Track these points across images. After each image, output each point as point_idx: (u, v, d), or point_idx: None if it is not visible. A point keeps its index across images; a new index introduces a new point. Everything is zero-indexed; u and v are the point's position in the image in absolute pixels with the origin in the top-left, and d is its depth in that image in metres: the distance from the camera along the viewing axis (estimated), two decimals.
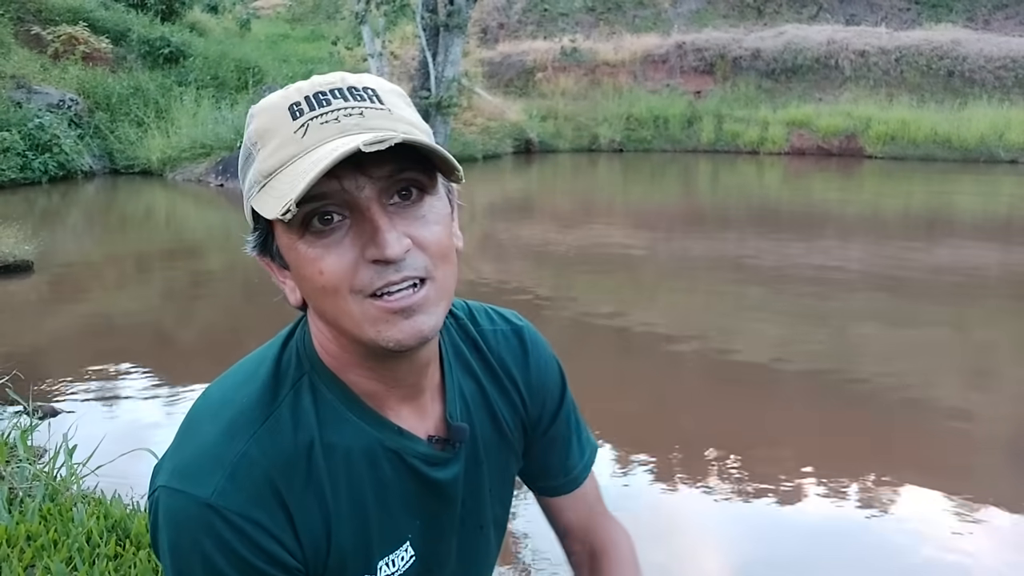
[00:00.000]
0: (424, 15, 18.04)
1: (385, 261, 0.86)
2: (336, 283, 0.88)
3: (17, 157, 13.65)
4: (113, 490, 3.18)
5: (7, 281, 7.55)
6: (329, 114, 0.87)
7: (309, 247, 0.88)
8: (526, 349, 1.17)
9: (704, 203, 14.69)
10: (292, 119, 0.88)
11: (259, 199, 0.88)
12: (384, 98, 0.91)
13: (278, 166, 0.87)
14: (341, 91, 0.90)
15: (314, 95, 0.89)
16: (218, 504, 0.88)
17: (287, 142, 0.87)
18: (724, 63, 23.52)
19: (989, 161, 19.18)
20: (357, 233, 0.87)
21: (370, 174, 0.86)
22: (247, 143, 0.93)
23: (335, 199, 0.86)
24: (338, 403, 0.98)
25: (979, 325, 6.77)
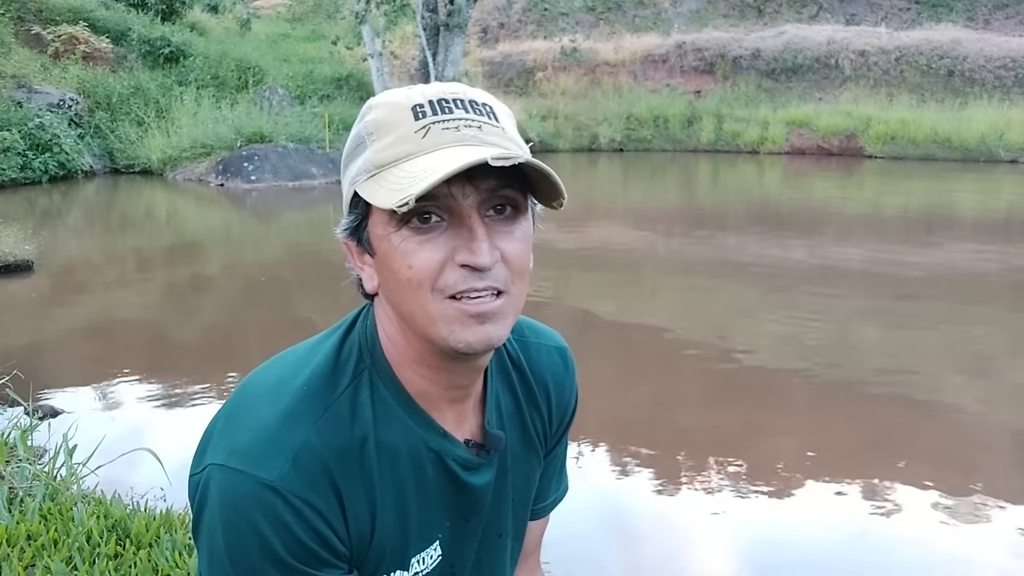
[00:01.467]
0: (424, 15, 18.05)
1: (473, 267, 0.92)
2: (421, 278, 0.93)
3: (17, 157, 13.65)
4: (113, 490, 3.18)
5: (7, 281, 7.55)
6: (450, 122, 0.92)
7: (403, 241, 0.93)
8: (567, 367, 1.22)
9: (704, 203, 14.68)
10: (415, 119, 0.92)
11: (368, 187, 0.93)
12: (500, 117, 0.96)
13: (394, 160, 0.92)
14: (463, 102, 0.94)
15: (438, 101, 0.94)
16: (281, 487, 0.91)
17: (406, 139, 0.92)
18: (724, 63, 23.52)
19: (989, 161, 19.19)
20: (452, 236, 0.92)
21: (477, 185, 0.91)
22: (361, 131, 0.97)
23: (440, 202, 0.91)
24: (392, 401, 1.02)
25: (979, 324, 6.77)
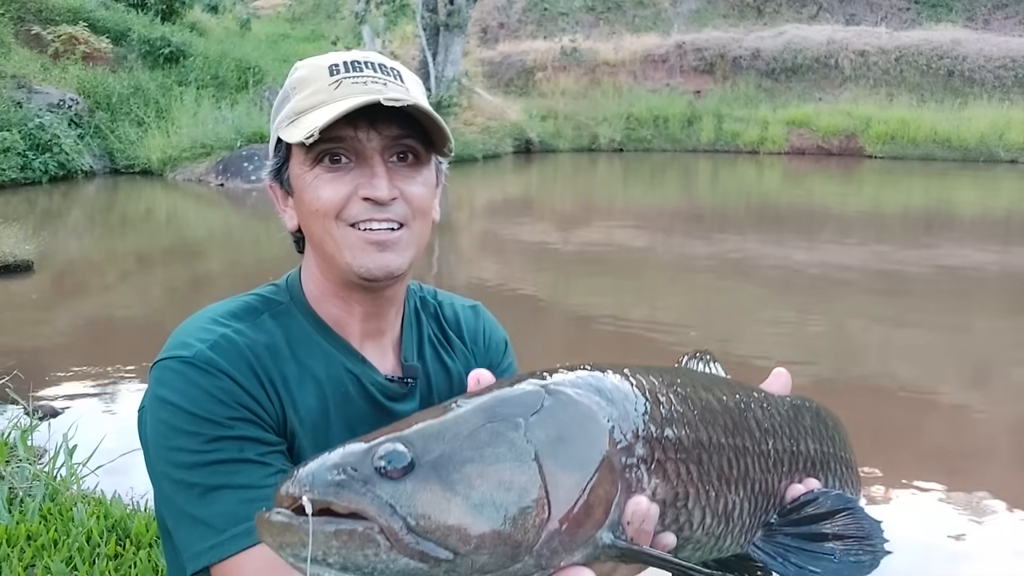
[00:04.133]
0: (424, 15, 18.05)
1: (374, 201, 1.06)
2: (328, 208, 1.07)
3: (17, 157, 13.64)
4: (113, 490, 3.18)
5: (7, 281, 7.55)
6: (359, 77, 1.08)
7: (315, 178, 1.08)
8: (478, 316, 1.36)
9: (704, 202, 14.68)
10: (329, 75, 1.09)
11: (288, 130, 1.09)
12: (405, 79, 1.12)
13: (309, 107, 1.07)
14: (372, 64, 1.11)
15: (351, 62, 1.10)
16: (196, 359, 1.04)
17: (320, 91, 1.07)
18: (724, 63, 23.52)
19: (989, 161, 19.18)
20: (357, 175, 1.07)
21: (380, 131, 1.06)
22: (287, 87, 1.14)
23: (347, 144, 1.06)
24: (312, 330, 1.14)
25: (979, 324, 6.77)
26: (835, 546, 0.88)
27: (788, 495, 0.95)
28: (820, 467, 1.04)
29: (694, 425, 0.86)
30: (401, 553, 0.68)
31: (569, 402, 0.78)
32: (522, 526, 0.71)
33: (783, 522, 0.94)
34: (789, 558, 0.89)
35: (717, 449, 0.87)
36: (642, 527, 0.76)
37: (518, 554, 0.71)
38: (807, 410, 1.09)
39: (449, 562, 0.69)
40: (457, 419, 0.75)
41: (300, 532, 0.68)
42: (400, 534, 0.68)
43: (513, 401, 0.77)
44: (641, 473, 0.79)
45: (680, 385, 0.90)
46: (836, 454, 1.10)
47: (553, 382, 0.80)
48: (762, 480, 0.93)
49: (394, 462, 0.70)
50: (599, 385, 0.82)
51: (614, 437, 0.78)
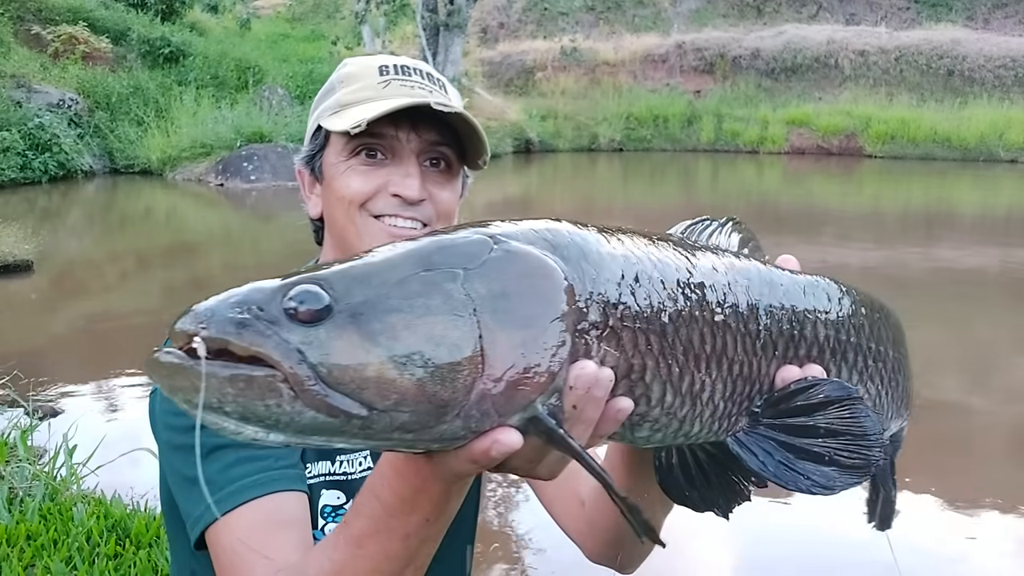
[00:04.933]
0: (424, 15, 18.05)
1: (403, 199, 1.09)
2: (354, 196, 1.10)
3: (17, 157, 13.64)
4: (113, 490, 3.18)
5: (7, 281, 7.54)
6: (408, 81, 1.13)
7: (350, 168, 1.12)
8: None
9: (704, 202, 14.68)
10: (379, 75, 1.13)
11: (331, 120, 1.12)
12: (449, 91, 1.18)
13: (356, 101, 1.11)
14: (421, 72, 1.16)
15: (401, 66, 1.15)
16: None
17: (369, 87, 1.12)
18: (724, 62, 23.52)
19: (989, 160, 19.18)
20: (390, 171, 1.11)
21: (420, 134, 1.11)
22: (333, 80, 1.18)
23: (387, 142, 1.11)
24: None
25: (979, 324, 6.78)
26: (827, 444, 0.79)
27: (780, 379, 0.84)
28: (833, 357, 0.91)
29: (661, 294, 0.77)
30: (307, 405, 0.61)
31: (518, 256, 0.71)
32: (451, 385, 0.64)
33: (770, 411, 0.83)
34: (772, 454, 0.80)
35: (687, 322, 0.78)
36: (590, 394, 0.70)
37: (444, 414, 0.65)
38: (828, 291, 0.94)
39: (363, 418, 0.63)
40: (388, 264, 0.68)
41: (191, 375, 0.61)
42: (306, 384, 0.61)
43: (454, 250, 0.70)
44: (591, 339, 0.71)
45: (656, 250, 0.81)
46: (862, 345, 0.94)
47: (503, 232, 0.74)
48: (745, 362, 0.82)
49: (307, 303, 0.63)
50: (556, 240, 0.75)
51: (564, 297, 0.70)
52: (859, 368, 0.93)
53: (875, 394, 0.94)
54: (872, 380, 0.95)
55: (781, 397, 0.83)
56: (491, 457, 0.67)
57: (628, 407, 0.73)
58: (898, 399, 1.01)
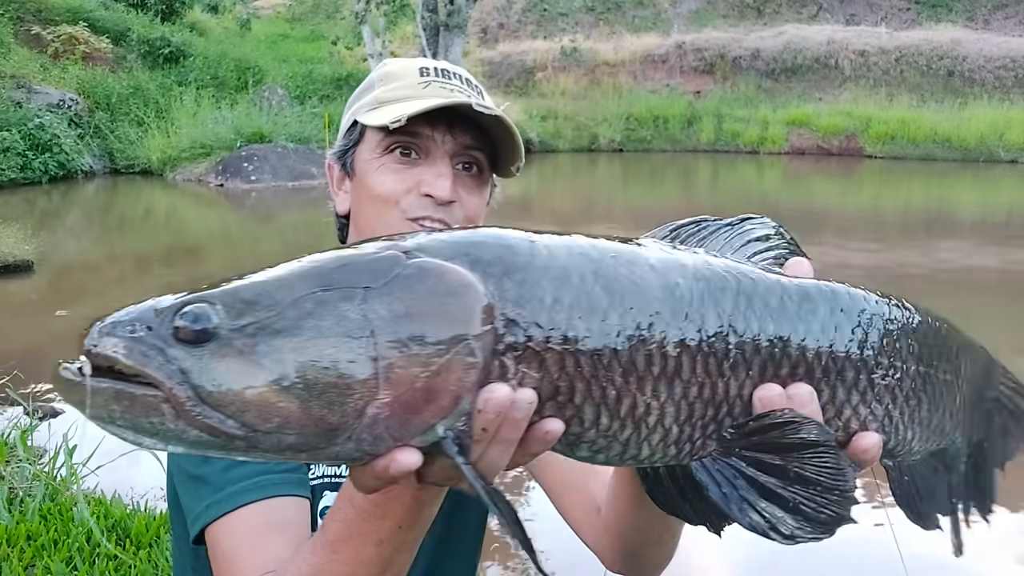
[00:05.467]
0: (424, 15, 18.04)
1: (434, 199, 1.09)
2: (388, 195, 1.10)
3: (17, 157, 13.64)
4: (113, 490, 3.18)
5: (7, 281, 7.55)
6: (447, 84, 1.14)
7: (383, 165, 1.12)
8: None
9: (704, 203, 14.68)
10: (420, 75, 1.14)
11: (369, 115, 1.13)
12: (486, 97, 1.19)
13: (395, 99, 1.12)
14: (461, 76, 1.17)
15: (441, 69, 1.16)
16: None
17: (409, 87, 1.13)
18: (724, 63, 23.52)
19: (989, 161, 19.18)
20: (423, 171, 1.11)
21: (455, 136, 1.12)
22: (372, 78, 1.20)
23: (422, 142, 1.11)
24: None
25: (979, 324, 6.77)
26: (794, 490, 0.72)
27: (758, 400, 0.76)
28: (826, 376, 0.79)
29: (597, 313, 0.71)
30: (189, 425, 0.62)
31: (429, 273, 0.68)
32: (339, 409, 0.63)
33: (742, 442, 0.76)
34: (736, 488, 0.74)
35: (629, 343, 0.71)
36: (507, 416, 0.67)
37: (334, 437, 0.64)
38: (830, 299, 0.82)
39: (246, 439, 0.63)
40: (282, 283, 0.67)
41: (80, 391, 0.63)
42: (186, 404, 0.62)
43: (358, 267, 0.68)
44: (508, 361, 0.68)
45: (605, 263, 0.73)
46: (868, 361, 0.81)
47: (419, 246, 0.70)
48: (707, 384, 0.74)
49: (194, 324, 0.63)
50: (479, 255, 0.70)
51: (477, 318, 0.67)
52: (861, 388, 0.81)
53: (882, 416, 0.83)
54: (880, 400, 0.83)
55: (755, 428, 0.75)
56: (391, 475, 0.66)
57: (557, 429, 0.70)
58: (923, 420, 0.87)
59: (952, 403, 0.91)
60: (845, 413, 0.81)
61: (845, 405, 0.81)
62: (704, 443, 0.76)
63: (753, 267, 0.82)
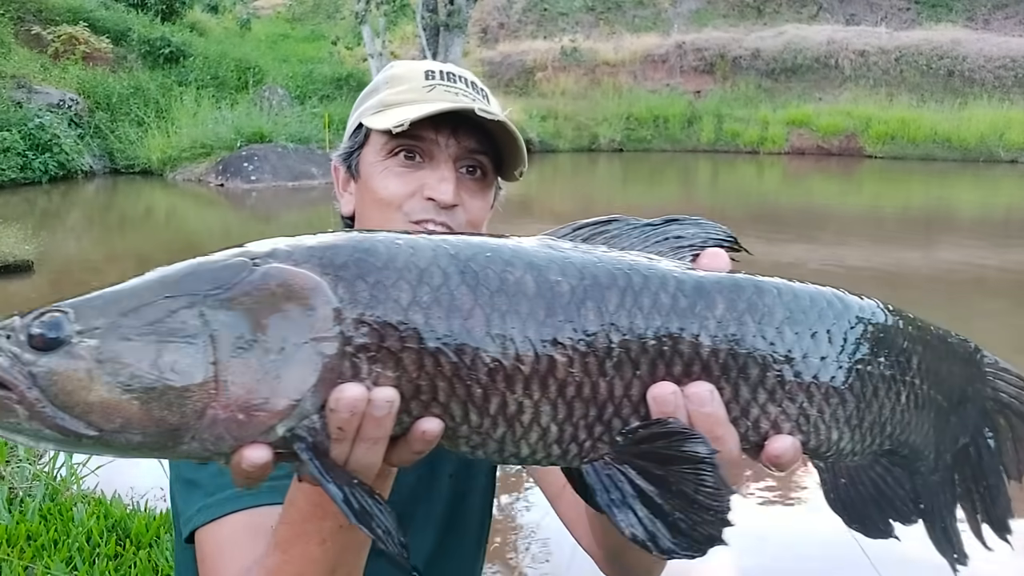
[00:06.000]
0: (424, 15, 18.03)
1: (436, 202, 1.10)
2: (391, 198, 1.11)
3: (17, 157, 13.65)
4: (113, 490, 3.18)
5: (7, 281, 7.55)
6: (452, 88, 1.15)
7: (387, 168, 1.13)
8: None
9: (704, 202, 14.68)
10: (425, 79, 1.15)
11: (373, 118, 1.14)
12: (491, 101, 1.19)
13: (400, 102, 1.13)
14: (466, 80, 1.18)
15: (447, 72, 1.17)
16: None
17: (414, 90, 1.14)
18: (724, 63, 23.52)
19: (989, 161, 19.18)
20: (426, 175, 1.11)
21: (459, 140, 1.13)
22: (379, 80, 1.20)
23: (425, 145, 1.12)
24: None
25: (979, 323, 6.78)
26: (673, 503, 0.71)
27: (652, 400, 0.73)
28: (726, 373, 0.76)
29: (463, 310, 0.71)
30: (41, 424, 0.67)
31: (274, 278, 0.70)
32: (179, 411, 0.67)
33: (631, 449, 0.74)
34: (623, 495, 0.73)
35: (496, 341, 0.71)
36: (366, 414, 0.68)
37: (179, 437, 0.68)
38: (731, 290, 0.79)
39: (94, 438, 0.67)
40: (132, 291, 0.71)
41: None
42: (37, 406, 0.67)
43: (204, 275, 0.71)
44: (361, 362, 0.69)
45: (477, 259, 0.73)
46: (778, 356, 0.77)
47: (270, 252, 0.72)
48: (588, 383, 0.73)
49: (46, 331, 0.68)
50: (332, 259, 0.72)
51: (324, 321, 0.69)
52: (769, 385, 0.77)
53: (796, 415, 0.78)
54: (793, 398, 0.78)
55: (644, 436, 0.73)
56: (245, 471, 0.69)
57: (434, 428, 0.70)
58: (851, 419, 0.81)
59: (895, 401, 0.84)
60: (752, 412, 0.77)
61: (751, 404, 0.77)
62: (595, 445, 0.74)
63: (651, 263, 0.79)
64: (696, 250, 0.84)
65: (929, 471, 0.90)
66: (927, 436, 0.88)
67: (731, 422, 0.75)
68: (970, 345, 0.93)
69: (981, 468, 0.93)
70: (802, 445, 0.79)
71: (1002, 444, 0.92)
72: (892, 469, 0.87)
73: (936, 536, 0.91)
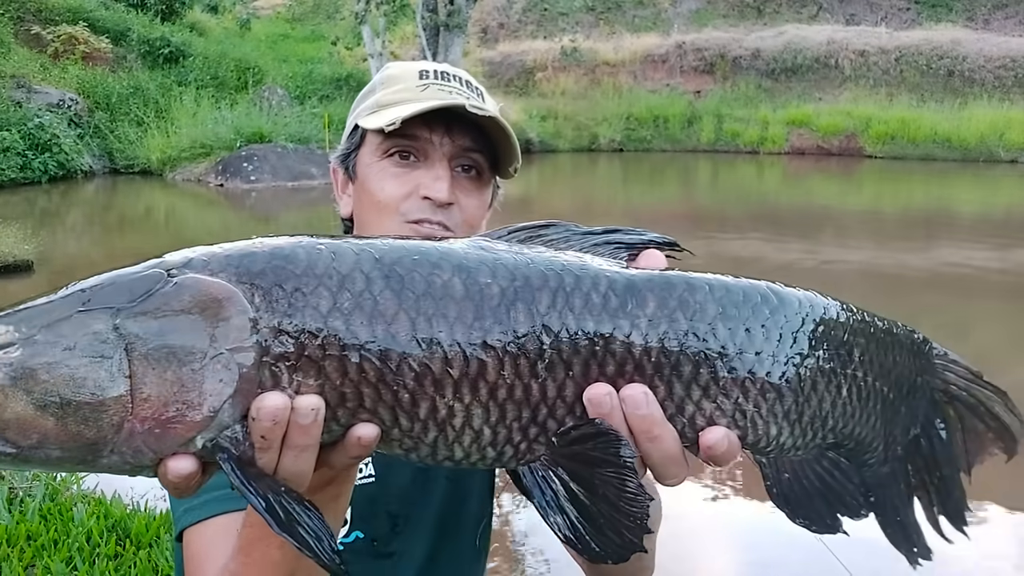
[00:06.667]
0: (424, 15, 18.04)
1: (432, 201, 1.09)
2: (389, 200, 1.11)
3: (17, 157, 13.65)
4: (113, 490, 3.18)
5: (7, 281, 7.55)
6: (446, 86, 1.14)
7: (383, 169, 1.13)
8: None
9: (704, 202, 14.68)
10: (419, 78, 1.15)
11: (368, 119, 1.14)
12: (487, 99, 1.19)
13: (394, 102, 1.13)
14: (460, 79, 1.18)
15: (441, 72, 1.17)
16: None
17: (408, 89, 1.14)
18: (724, 63, 23.52)
19: (989, 161, 19.19)
20: (422, 174, 1.11)
21: (453, 138, 1.12)
22: (375, 81, 1.21)
23: (420, 145, 1.12)
24: None
25: (979, 323, 6.78)
26: (599, 507, 0.72)
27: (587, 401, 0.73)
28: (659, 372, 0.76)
29: (387, 315, 0.70)
30: None
31: (187, 289, 0.69)
32: (95, 425, 0.66)
33: (565, 451, 0.74)
34: (558, 497, 0.73)
35: (422, 345, 0.70)
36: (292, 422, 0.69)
37: (98, 451, 0.67)
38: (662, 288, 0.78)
39: (13, 454, 0.67)
40: (51, 305, 0.70)
41: None
42: None
43: (118, 287, 0.71)
44: (281, 371, 0.69)
45: (402, 263, 0.73)
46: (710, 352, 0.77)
47: (185, 263, 0.72)
48: (520, 386, 0.72)
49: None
50: (250, 267, 0.71)
51: (239, 331, 0.68)
52: (702, 382, 0.77)
53: (731, 411, 0.78)
54: (727, 394, 0.78)
55: (575, 437, 0.73)
56: (172, 482, 0.69)
57: (370, 434, 0.70)
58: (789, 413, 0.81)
59: (836, 394, 0.84)
60: (688, 409, 0.77)
61: (686, 401, 0.77)
62: (531, 447, 0.74)
63: (583, 263, 0.78)
64: (634, 251, 0.83)
65: (879, 463, 0.89)
66: (874, 428, 0.87)
67: (667, 419, 0.75)
68: (918, 336, 0.92)
69: (934, 459, 0.92)
70: (740, 440, 0.79)
71: (952, 436, 0.92)
72: (839, 463, 0.86)
73: (891, 530, 0.91)
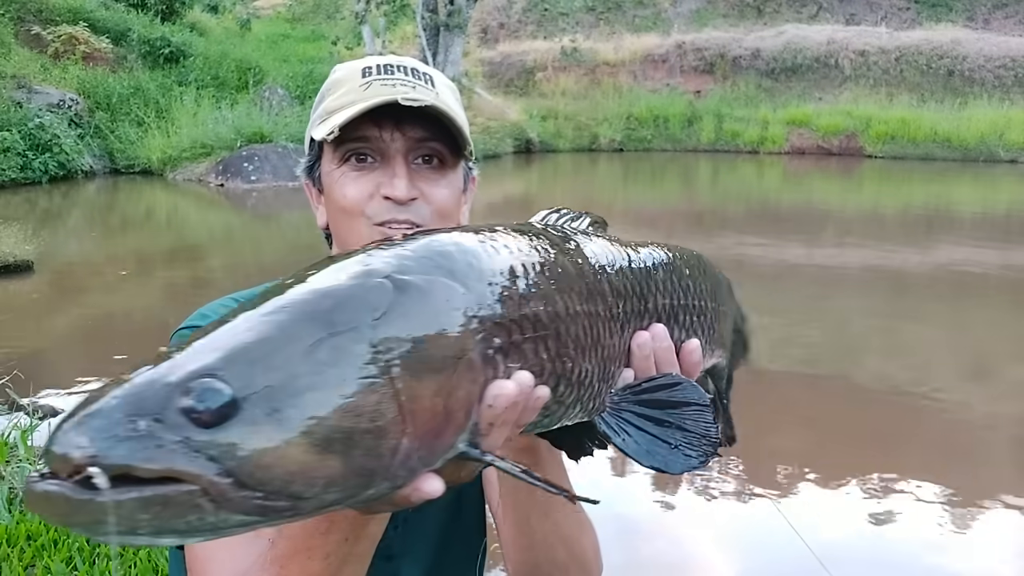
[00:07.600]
0: (424, 15, 18.04)
1: (394, 200, 1.07)
2: (352, 205, 1.09)
3: (17, 157, 13.64)
4: None
5: (7, 281, 7.55)
6: (389, 80, 1.10)
7: (342, 175, 1.11)
8: None
9: (704, 202, 14.68)
10: (361, 77, 1.11)
11: (317, 129, 1.11)
12: (436, 84, 1.14)
13: (339, 107, 1.09)
14: (405, 68, 1.14)
15: (384, 65, 1.13)
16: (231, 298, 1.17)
17: (351, 91, 1.10)
18: (724, 63, 23.52)
19: (989, 160, 19.19)
20: (380, 174, 1.09)
21: (404, 132, 1.09)
22: (323, 89, 1.17)
23: (373, 144, 1.09)
24: None
25: (979, 324, 6.78)
26: (677, 437, 0.86)
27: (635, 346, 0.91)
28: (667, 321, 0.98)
29: (552, 298, 0.77)
30: (233, 512, 0.56)
31: (420, 295, 0.66)
32: (376, 452, 0.61)
33: (635, 400, 0.88)
34: (633, 437, 0.86)
35: (573, 319, 0.80)
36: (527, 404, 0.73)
37: (372, 482, 0.62)
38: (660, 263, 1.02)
39: (290, 508, 0.59)
40: (284, 334, 0.61)
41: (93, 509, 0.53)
42: (229, 493, 0.55)
43: (353, 302, 0.64)
44: (499, 361, 0.70)
45: (537, 252, 0.80)
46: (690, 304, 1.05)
47: (396, 268, 0.67)
48: (610, 345, 0.87)
49: (209, 403, 0.56)
50: (451, 266, 0.70)
51: (471, 329, 0.68)
52: (685, 325, 1.03)
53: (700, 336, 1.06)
54: (694, 331, 1.05)
55: (646, 388, 0.89)
56: (411, 502, 0.67)
57: (545, 394, 0.76)
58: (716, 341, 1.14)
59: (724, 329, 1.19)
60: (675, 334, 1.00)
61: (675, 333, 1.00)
62: (603, 396, 0.87)
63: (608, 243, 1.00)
64: None
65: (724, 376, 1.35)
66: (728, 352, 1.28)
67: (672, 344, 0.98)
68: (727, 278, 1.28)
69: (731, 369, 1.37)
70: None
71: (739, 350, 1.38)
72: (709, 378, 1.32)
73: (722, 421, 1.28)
